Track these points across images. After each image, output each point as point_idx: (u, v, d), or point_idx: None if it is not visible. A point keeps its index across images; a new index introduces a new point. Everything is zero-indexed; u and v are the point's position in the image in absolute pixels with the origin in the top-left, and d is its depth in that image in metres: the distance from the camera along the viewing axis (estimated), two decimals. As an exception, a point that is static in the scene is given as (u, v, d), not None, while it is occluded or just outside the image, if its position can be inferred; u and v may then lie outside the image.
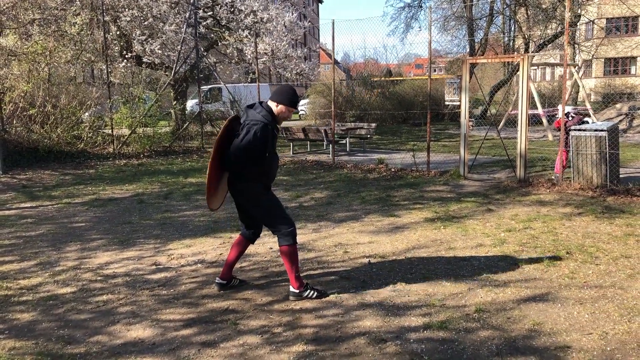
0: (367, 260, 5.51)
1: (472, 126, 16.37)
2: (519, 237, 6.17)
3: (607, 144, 8.43)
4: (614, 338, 3.69)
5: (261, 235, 5.81)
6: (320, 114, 24.61)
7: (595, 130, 8.55)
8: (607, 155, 8.45)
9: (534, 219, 6.98)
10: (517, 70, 20.46)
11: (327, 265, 5.38)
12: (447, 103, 10.75)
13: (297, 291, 4.49)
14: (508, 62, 23.81)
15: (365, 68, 34.16)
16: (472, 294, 4.54)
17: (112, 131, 14.57)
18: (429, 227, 6.78)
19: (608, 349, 3.54)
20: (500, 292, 4.55)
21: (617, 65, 39.09)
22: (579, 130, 8.72)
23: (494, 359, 3.45)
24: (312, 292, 4.50)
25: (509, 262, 5.31)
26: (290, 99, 4.40)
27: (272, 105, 4.39)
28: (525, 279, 4.85)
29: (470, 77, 23.56)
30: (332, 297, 4.52)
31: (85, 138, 14.20)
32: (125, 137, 14.72)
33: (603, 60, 39.24)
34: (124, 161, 13.64)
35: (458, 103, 10.40)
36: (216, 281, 4.79)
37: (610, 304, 4.25)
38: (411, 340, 3.73)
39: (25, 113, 13.19)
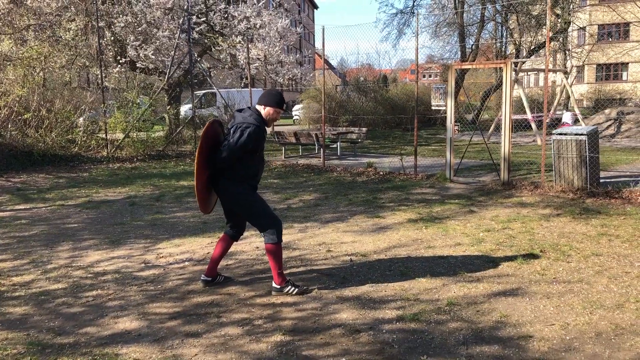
0: (349, 258, 5.72)
1: (458, 130, 16.62)
2: (496, 237, 6.40)
3: (587, 147, 8.67)
4: (575, 328, 3.91)
5: (247, 235, 6.03)
6: (313, 119, 24.87)
7: (576, 134, 8.79)
8: (587, 158, 8.69)
9: (514, 220, 7.21)
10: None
11: (310, 263, 5.59)
12: (433, 108, 11.00)
13: (279, 287, 4.69)
14: (500, 67, 24.08)
15: (358, 73, 34.47)
16: (446, 289, 4.75)
17: (106, 135, 14.75)
18: (411, 227, 7.00)
19: (567, 338, 3.76)
20: (472, 287, 4.76)
21: (609, 71, 39.53)
22: (560, 134, 8.96)
23: (460, 348, 3.66)
24: (292, 288, 4.69)
25: (484, 260, 5.53)
26: (276, 100, 4.62)
27: (260, 108, 4.61)
28: (498, 275, 5.07)
29: (461, 83, 23.78)
30: (312, 292, 4.72)
31: (79, 142, 14.40)
32: (119, 141, 14.92)
33: (595, 66, 39.70)
34: (118, 165, 13.84)
35: (444, 107, 10.64)
36: (202, 278, 4.98)
37: (575, 298, 4.47)
38: (384, 331, 3.93)
39: (20, 117, 13.38)
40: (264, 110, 4.59)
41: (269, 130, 4.70)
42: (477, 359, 3.51)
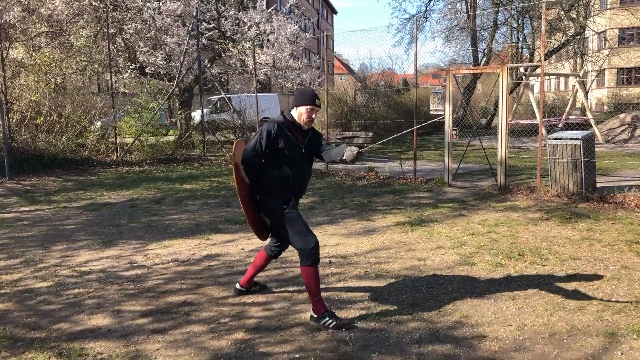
0: (328, 260, 5.83)
1: (456, 135, 16.62)
2: (479, 240, 6.44)
3: (581, 152, 8.65)
4: (531, 329, 3.96)
5: (236, 237, 6.13)
6: (325, 123, 24.97)
7: (571, 138, 8.78)
8: (582, 163, 8.67)
9: (501, 224, 7.24)
10: (521, 81, 20.68)
11: (289, 265, 5.70)
12: (432, 112, 11.05)
13: (316, 316, 4.20)
14: (514, 72, 23.97)
15: (379, 78, 34.43)
16: (415, 290, 4.83)
17: (116, 139, 15.07)
18: (397, 230, 7.07)
19: (521, 338, 3.82)
20: (441, 289, 4.84)
21: (630, 74, 39.00)
22: (556, 138, 8.96)
23: (413, 346, 3.74)
24: (330, 320, 4.13)
25: (460, 262, 5.59)
26: (301, 98, 4.28)
27: (293, 112, 4.32)
28: (470, 277, 5.13)
29: (473, 88, 23.59)
30: (283, 293, 4.84)
31: (89, 146, 14.73)
32: (129, 145, 15.23)
33: (615, 70, 39.20)
34: (127, 168, 14.12)
35: (442, 113, 10.69)
36: (236, 287, 4.87)
37: (540, 300, 4.51)
38: (343, 330, 4.03)
39: (32, 122, 13.75)
40: (296, 112, 4.28)
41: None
42: (427, 357, 3.59)
